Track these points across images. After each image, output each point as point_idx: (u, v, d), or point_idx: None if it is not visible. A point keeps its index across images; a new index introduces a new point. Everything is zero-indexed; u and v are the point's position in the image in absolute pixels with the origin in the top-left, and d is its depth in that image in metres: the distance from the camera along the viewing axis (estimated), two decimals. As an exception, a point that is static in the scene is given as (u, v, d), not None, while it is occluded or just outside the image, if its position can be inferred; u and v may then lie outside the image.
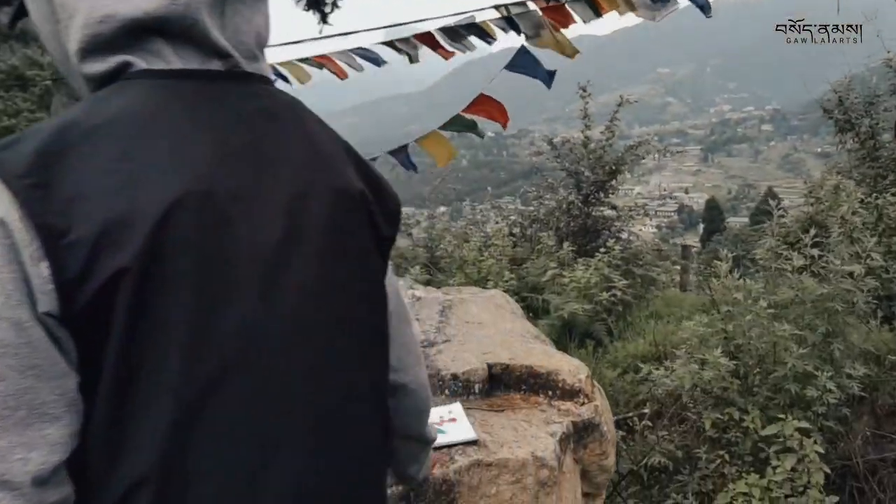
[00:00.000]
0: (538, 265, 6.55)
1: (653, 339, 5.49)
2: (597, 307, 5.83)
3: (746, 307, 4.32)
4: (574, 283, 6.01)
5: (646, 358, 5.39)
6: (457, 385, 2.65)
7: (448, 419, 2.36)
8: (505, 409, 2.52)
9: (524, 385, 2.68)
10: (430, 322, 3.18)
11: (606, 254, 6.21)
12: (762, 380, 4.29)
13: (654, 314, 5.96)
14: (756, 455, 4.06)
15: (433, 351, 2.92)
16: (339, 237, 1.01)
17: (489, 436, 2.26)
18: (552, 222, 7.40)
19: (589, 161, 7.26)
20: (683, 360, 4.36)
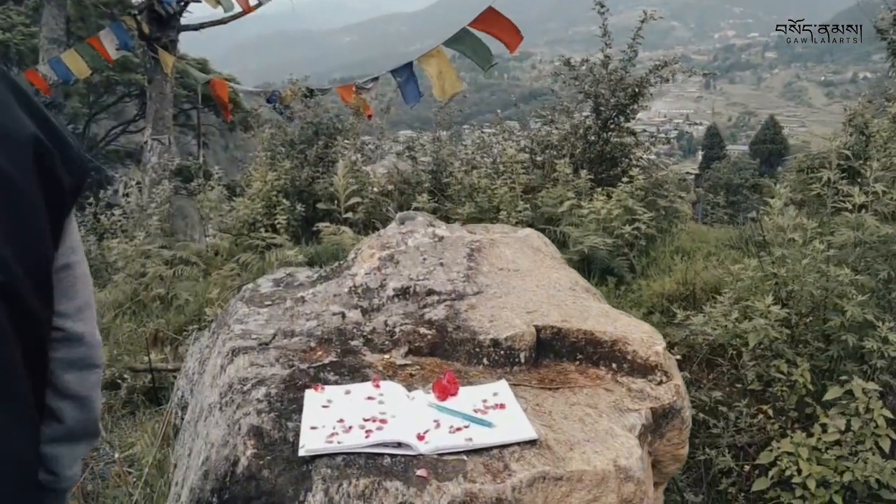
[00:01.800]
0: (553, 195, 5.91)
1: (681, 278, 4.91)
2: (618, 241, 5.23)
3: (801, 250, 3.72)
4: (593, 214, 5.39)
5: (673, 298, 4.82)
6: (497, 353, 2.07)
7: (494, 404, 1.78)
8: (561, 387, 1.94)
9: (580, 354, 2.10)
10: (457, 269, 2.58)
11: (629, 183, 5.57)
12: (814, 330, 3.73)
13: (680, 249, 5.38)
14: (801, 411, 3.53)
15: (463, 306, 2.33)
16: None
17: (550, 431, 1.69)
18: (567, 148, 6.74)
19: (609, 83, 6.56)
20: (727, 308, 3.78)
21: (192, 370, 2.94)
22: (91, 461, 3.74)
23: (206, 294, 5.22)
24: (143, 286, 5.89)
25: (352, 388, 1.85)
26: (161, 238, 6.94)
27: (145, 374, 4.46)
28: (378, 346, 2.19)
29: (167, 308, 5.63)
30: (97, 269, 7.81)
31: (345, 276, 2.67)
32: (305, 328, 2.34)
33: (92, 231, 8.20)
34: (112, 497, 3.06)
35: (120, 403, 4.33)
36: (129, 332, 5.18)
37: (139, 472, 3.29)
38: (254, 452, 1.63)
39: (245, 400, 1.86)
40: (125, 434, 3.96)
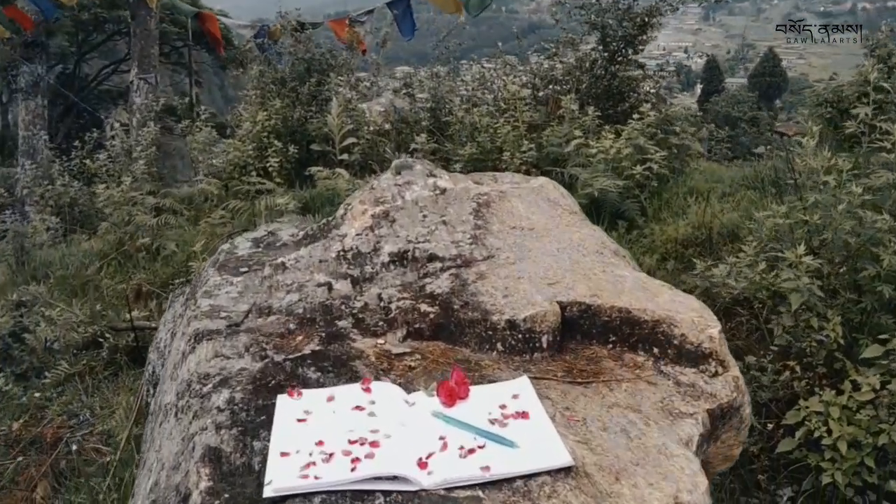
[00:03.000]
0: (559, 133, 5.43)
1: (696, 221, 4.48)
2: (628, 182, 4.78)
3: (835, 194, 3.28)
4: (602, 154, 4.92)
5: (688, 243, 4.41)
6: (515, 337, 1.65)
7: (514, 412, 1.38)
8: (593, 381, 1.53)
9: (613, 336, 1.68)
10: (463, 228, 2.14)
11: (640, 120, 5.07)
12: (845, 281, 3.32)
13: (693, 190, 4.94)
14: (830, 366, 3.15)
15: (471, 275, 1.90)
16: None
17: (588, 450, 1.29)
18: (572, 83, 6.21)
19: (616, 12, 5.99)
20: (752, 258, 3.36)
21: (163, 342, 2.54)
22: (69, 430, 3.39)
23: (194, 245, 4.79)
24: (129, 235, 5.46)
25: (336, 393, 1.45)
26: (148, 183, 6.47)
27: (128, 333, 4.07)
28: (370, 327, 1.77)
29: (153, 259, 5.21)
30: (87, 215, 7.38)
31: (333, 236, 2.24)
32: (285, 303, 1.92)
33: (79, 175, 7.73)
34: (82, 483, 2.71)
35: (102, 364, 3.96)
36: (112, 287, 4.77)
37: (114, 448, 2.94)
38: (208, 486, 1.24)
39: (203, 408, 1.46)
40: (106, 398, 3.60)
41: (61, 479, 2.92)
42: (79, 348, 4.12)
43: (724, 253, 4.39)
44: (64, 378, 3.83)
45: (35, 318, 4.35)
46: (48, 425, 3.36)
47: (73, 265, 5.49)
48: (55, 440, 3.20)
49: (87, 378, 3.80)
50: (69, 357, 4.00)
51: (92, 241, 6.13)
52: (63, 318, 4.32)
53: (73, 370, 3.88)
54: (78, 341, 4.16)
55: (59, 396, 3.67)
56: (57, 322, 4.27)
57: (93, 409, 3.56)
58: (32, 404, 3.63)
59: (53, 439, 3.20)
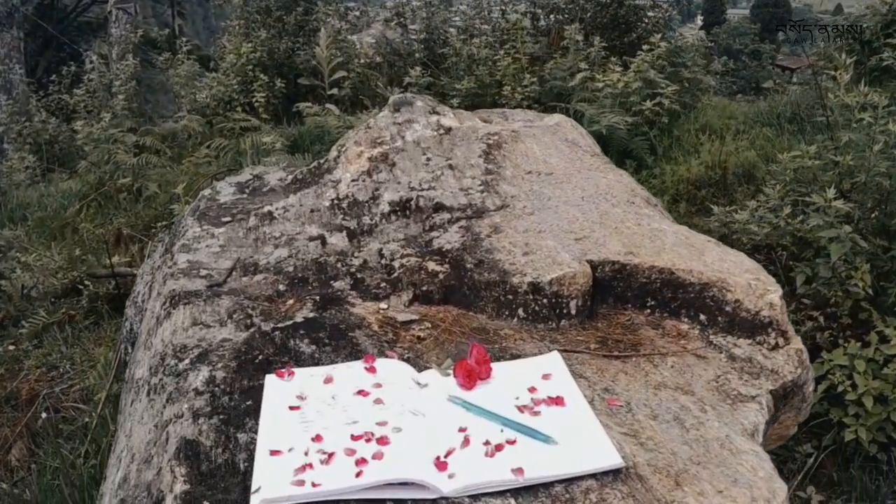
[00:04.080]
0: (563, 66, 5.11)
1: (710, 160, 4.24)
2: (637, 119, 4.50)
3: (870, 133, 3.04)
4: (609, 88, 4.63)
5: (701, 183, 4.17)
6: (539, 303, 1.43)
7: (546, 397, 1.16)
8: (633, 355, 1.32)
9: (651, 300, 1.47)
10: (472, 173, 1.89)
11: (650, 51, 4.75)
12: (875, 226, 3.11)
13: (706, 127, 4.67)
14: (855, 317, 2.96)
15: (484, 228, 1.67)
16: None
17: (638, 445, 1.08)
18: (576, 12, 5.85)
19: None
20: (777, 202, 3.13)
21: (140, 297, 2.31)
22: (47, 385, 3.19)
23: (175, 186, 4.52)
24: (108, 175, 5.16)
25: (334, 373, 1.22)
26: (129, 120, 6.13)
27: (109, 280, 3.84)
28: (371, 289, 1.54)
29: (135, 200, 4.94)
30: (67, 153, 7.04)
31: (325, 182, 1.99)
32: (273, 259, 1.69)
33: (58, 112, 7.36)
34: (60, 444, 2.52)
35: (82, 313, 3.74)
36: (91, 230, 4.51)
37: (94, 407, 2.75)
38: (184, 491, 1.03)
39: (179, 390, 1.24)
40: (86, 350, 3.39)
41: (38, 438, 2.73)
42: (57, 296, 3.89)
43: (738, 195, 4.16)
44: (42, 328, 3.61)
45: (11, 263, 4.11)
46: (25, 380, 3.16)
47: (52, 206, 5.22)
48: (32, 396, 3.01)
49: (66, 328, 3.58)
50: (47, 305, 3.77)
51: (71, 182, 5.83)
52: (40, 263, 4.08)
53: (51, 319, 3.66)
54: (57, 288, 3.93)
55: (37, 348, 3.46)
56: (34, 268, 4.03)
57: (73, 361, 3.35)
58: (8, 356, 3.42)
59: (30, 395, 3.01)
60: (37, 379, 3.23)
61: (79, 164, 6.02)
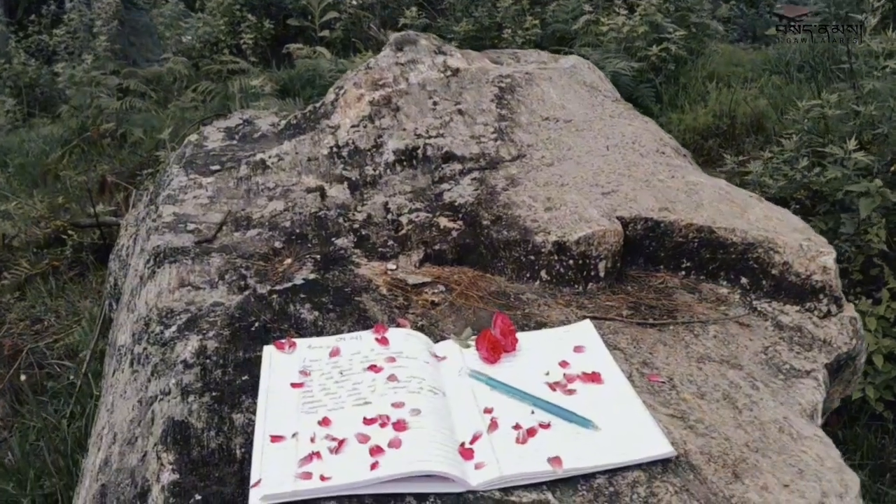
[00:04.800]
0: (566, 8, 4.88)
1: (717, 109, 4.07)
2: (643, 65, 4.30)
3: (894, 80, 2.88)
4: (614, 32, 4.41)
5: (709, 132, 4.01)
6: (564, 263, 1.29)
7: (582, 373, 1.03)
8: (670, 323, 1.19)
9: (687, 261, 1.33)
10: (484, 119, 1.73)
11: (657, -7, 4.53)
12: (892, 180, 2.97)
13: (714, 75, 4.48)
14: (867, 273, 2.85)
15: (500, 180, 1.52)
16: None
17: (686, 428, 0.96)
18: (578, -49, 5.57)
19: None
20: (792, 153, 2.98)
21: (125, 250, 2.15)
22: (31, 339, 3.05)
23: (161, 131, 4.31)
24: (91, 120, 4.93)
25: (341, 345, 1.08)
26: (112, 62, 5.86)
27: (93, 230, 3.67)
28: (377, 247, 1.39)
29: (119, 146, 4.73)
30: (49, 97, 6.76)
31: (322, 128, 1.81)
32: (268, 213, 1.53)
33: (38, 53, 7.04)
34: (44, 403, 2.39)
35: (66, 264, 3.58)
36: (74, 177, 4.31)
37: (79, 364, 2.61)
38: (174, 480, 0.90)
39: (165, 362, 1.10)
40: (72, 302, 3.25)
41: (21, 396, 2.60)
42: (40, 246, 3.72)
43: (747, 146, 4.00)
44: (24, 279, 3.45)
45: (-10, 211, 3.93)
46: (7, 334, 3.01)
47: (34, 152, 5.00)
48: (15, 352, 2.87)
49: (50, 279, 3.43)
50: (30, 256, 3.61)
51: (53, 127, 5.59)
52: (22, 211, 3.90)
53: (34, 270, 3.50)
54: (39, 238, 3.76)
55: (20, 301, 3.31)
56: (15, 216, 3.85)
57: (58, 314, 3.21)
58: (-8, 307, 3.28)
59: (12, 350, 2.87)
60: (20, 333, 3.09)
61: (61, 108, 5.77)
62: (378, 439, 0.89)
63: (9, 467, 1.98)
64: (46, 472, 1.88)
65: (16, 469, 1.95)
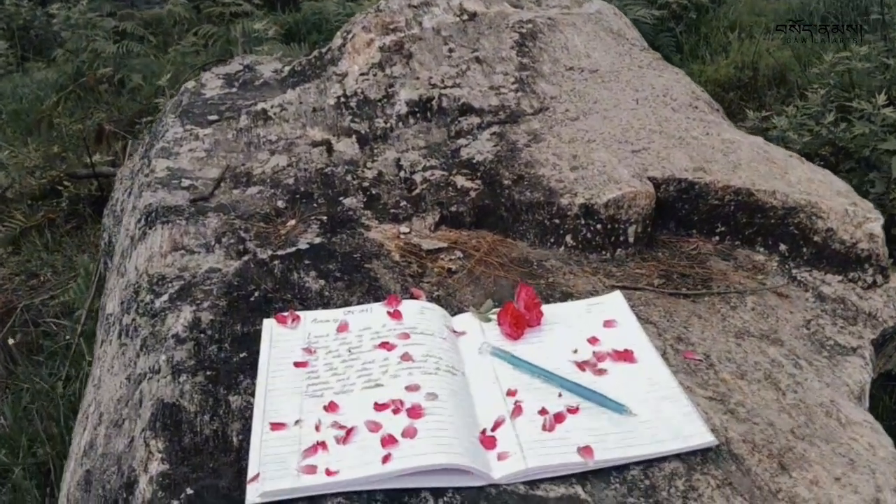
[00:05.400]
0: (582, -50, 4.66)
1: (739, 61, 3.91)
2: (664, 13, 4.13)
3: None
4: (633, -23, 4.22)
5: (730, 84, 3.86)
6: (591, 227, 1.19)
7: (613, 351, 0.94)
8: (705, 293, 1.10)
9: (721, 225, 1.23)
10: (504, 68, 1.61)
11: (677, -66, 4.32)
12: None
13: (736, 24, 4.30)
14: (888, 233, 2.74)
15: (521, 135, 1.41)
16: None
17: (724, 411, 0.88)
18: None
19: None
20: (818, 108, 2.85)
21: (119, 204, 2.06)
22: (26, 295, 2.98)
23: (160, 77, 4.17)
24: (87, 65, 4.79)
25: (350, 319, 1.00)
26: (108, 3, 5.67)
27: (90, 181, 3.57)
28: (389, 208, 1.30)
29: (117, 93, 4.59)
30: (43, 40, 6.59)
31: (329, 76, 1.70)
32: (269, 169, 1.43)
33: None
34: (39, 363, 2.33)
35: (63, 217, 3.49)
36: (70, 125, 4.19)
37: (75, 322, 2.54)
38: (163, 471, 0.82)
39: (155, 335, 1.01)
40: (68, 256, 3.17)
41: (16, 354, 2.54)
42: (35, 197, 3.63)
43: (769, 99, 3.86)
44: (19, 232, 3.37)
45: (-17, 161, 3.82)
46: (1, 290, 2.95)
47: (28, 99, 4.87)
48: (9, 309, 2.80)
49: (46, 232, 3.35)
50: (24, 208, 3.52)
51: (48, 71, 5.43)
52: (16, 161, 3.79)
53: (29, 223, 3.41)
54: (35, 189, 3.67)
55: (15, 255, 3.23)
56: (8, 166, 3.75)
57: (54, 268, 3.14)
58: (-17, 263, 3.20)
59: (7, 307, 2.80)
60: (14, 289, 3.02)
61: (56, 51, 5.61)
62: (390, 428, 0.81)
63: (0, 433, 1.92)
64: (39, 439, 1.82)
65: (8, 435, 1.89)
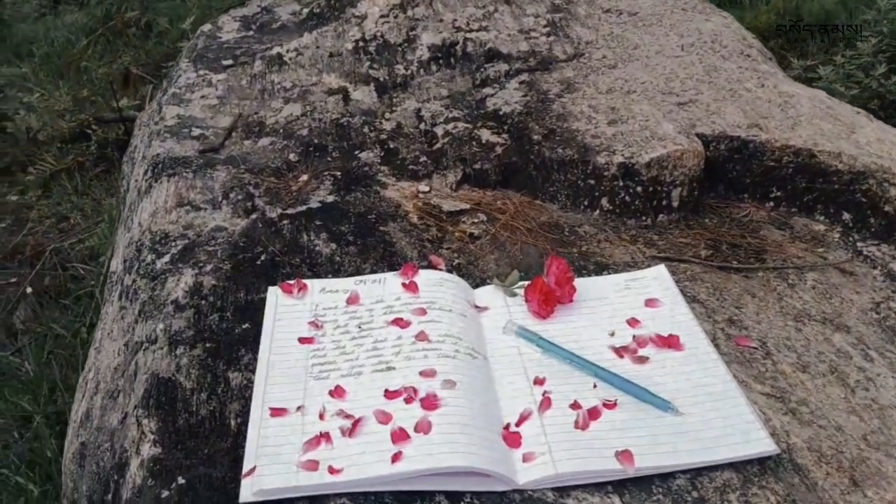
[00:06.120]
0: None
1: (781, 7, 3.63)
2: (703, -46, 3.84)
3: None
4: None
5: (770, 33, 3.59)
6: (631, 190, 1.05)
7: (657, 336, 0.81)
8: (759, 268, 0.96)
9: (777, 190, 1.08)
10: (535, 9, 1.45)
11: None
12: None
13: (779, -33, 4.00)
14: None
15: (554, 85, 1.26)
16: None
17: (784, 410, 0.74)
18: None
19: None
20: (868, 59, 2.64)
21: (138, 152, 1.95)
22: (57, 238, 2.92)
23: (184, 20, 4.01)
24: (116, 8, 4.63)
25: (361, 289, 0.88)
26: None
27: (118, 125, 3.47)
28: (407, 163, 1.17)
29: (144, 36, 4.44)
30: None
31: (348, 17, 1.55)
32: (283, 118, 1.30)
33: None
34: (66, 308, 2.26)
35: (92, 160, 3.41)
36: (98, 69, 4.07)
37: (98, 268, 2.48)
38: (154, 455, 0.72)
39: (154, 300, 0.91)
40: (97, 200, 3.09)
41: (44, 298, 2.49)
42: (65, 140, 3.55)
43: (812, 48, 3.61)
44: (50, 175, 3.30)
45: (13, 104, 3.74)
46: (31, 232, 2.88)
47: (59, 42, 4.75)
48: (38, 252, 2.74)
49: (75, 175, 3.27)
50: (55, 151, 3.44)
51: (79, 15, 5.30)
52: (46, 104, 3.70)
53: (59, 166, 3.34)
54: (65, 132, 3.58)
55: (45, 197, 3.17)
56: (39, 109, 3.66)
57: (84, 212, 3.07)
58: (16, 204, 3.14)
59: (35, 251, 2.74)
60: (45, 231, 2.96)
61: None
62: (402, 420, 0.70)
63: (24, 379, 1.86)
64: (59, 387, 1.75)
65: (31, 381, 1.84)
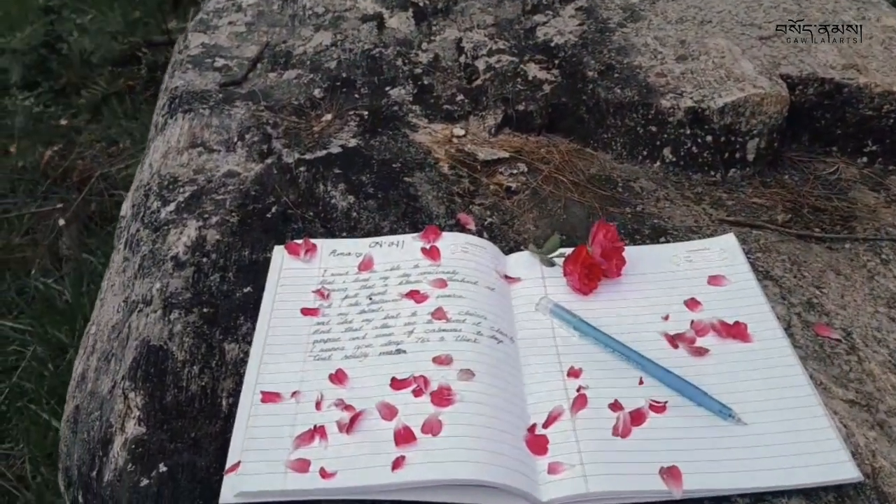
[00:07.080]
0: None
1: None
2: None
3: None
4: None
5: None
6: (699, 140, 0.90)
7: (719, 322, 0.68)
8: (847, 238, 0.81)
9: (872, 142, 0.91)
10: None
11: None
12: None
13: None
14: None
15: (615, 12, 1.09)
16: None
17: (870, 424, 0.61)
18: None
19: None
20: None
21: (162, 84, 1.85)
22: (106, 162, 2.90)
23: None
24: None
25: (375, 253, 0.77)
26: None
27: (167, 49, 3.38)
28: (442, 103, 1.03)
29: (196, -45, 4.31)
30: None
31: (389, -66, 1.39)
32: (311, 49, 1.17)
33: None
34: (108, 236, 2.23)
35: (142, 84, 3.35)
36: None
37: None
38: (138, 436, 0.64)
39: (154, 255, 0.82)
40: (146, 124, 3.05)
41: (90, 224, 2.47)
42: (116, 63, 3.50)
43: None
44: (101, 99, 3.26)
45: (68, 25, 3.69)
46: (80, 156, 2.86)
47: (114, -40, 4.66)
48: (85, 177, 2.72)
49: (126, 99, 3.22)
50: (106, 74, 3.40)
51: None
52: (97, 26, 3.64)
53: (111, 90, 3.30)
54: (116, 54, 3.53)
55: (95, 122, 3.14)
56: (91, 31, 3.61)
57: (133, 136, 3.03)
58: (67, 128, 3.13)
59: (82, 176, 2.71)
60: (94, 155, 2.94)
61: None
62: (408, 416, 0.59)
63: (62, 309, 1.85)
64: (91, 321, 1.73)
65: (69, 312, 1.82)
